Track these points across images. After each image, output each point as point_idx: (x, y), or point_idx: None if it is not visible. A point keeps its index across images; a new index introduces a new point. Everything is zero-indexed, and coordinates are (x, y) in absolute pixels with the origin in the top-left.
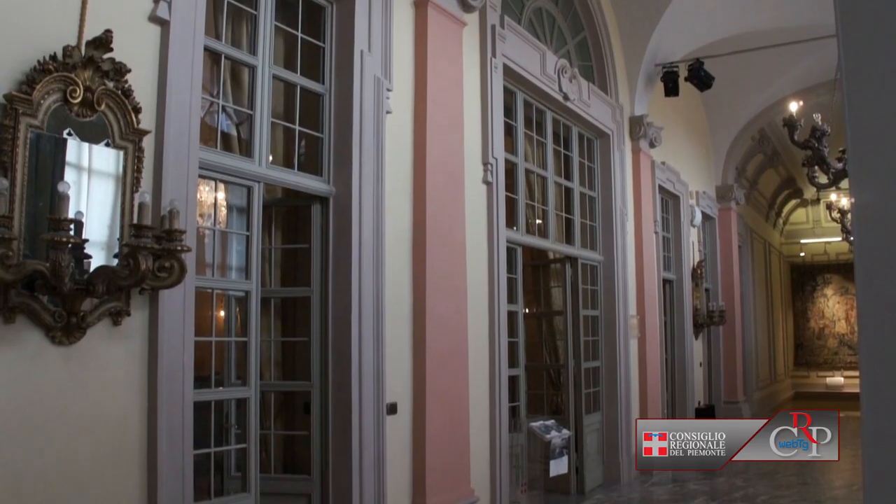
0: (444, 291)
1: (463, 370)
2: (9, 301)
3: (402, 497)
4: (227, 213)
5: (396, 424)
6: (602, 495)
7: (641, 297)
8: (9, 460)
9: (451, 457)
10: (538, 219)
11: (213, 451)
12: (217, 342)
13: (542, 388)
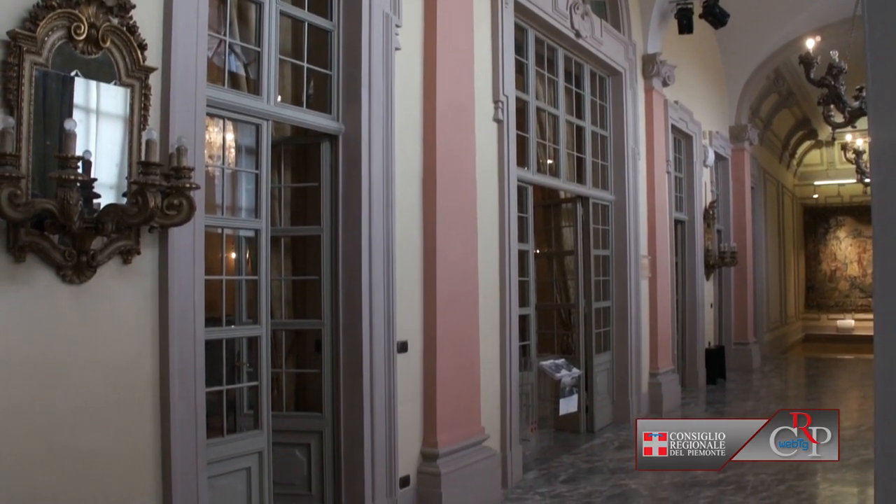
0: (455, 230)
1: (473, 309)
2: (18, 240)
3: (413, 435)
4: (236, 155)
5: (407, 363)
6: (611, 434)
7: (653, 237)
8: (22, 398)
9: (461, 395)
10: (549, 158)
11: (225, 389)
12: (227, 281)
13: (552, 328)
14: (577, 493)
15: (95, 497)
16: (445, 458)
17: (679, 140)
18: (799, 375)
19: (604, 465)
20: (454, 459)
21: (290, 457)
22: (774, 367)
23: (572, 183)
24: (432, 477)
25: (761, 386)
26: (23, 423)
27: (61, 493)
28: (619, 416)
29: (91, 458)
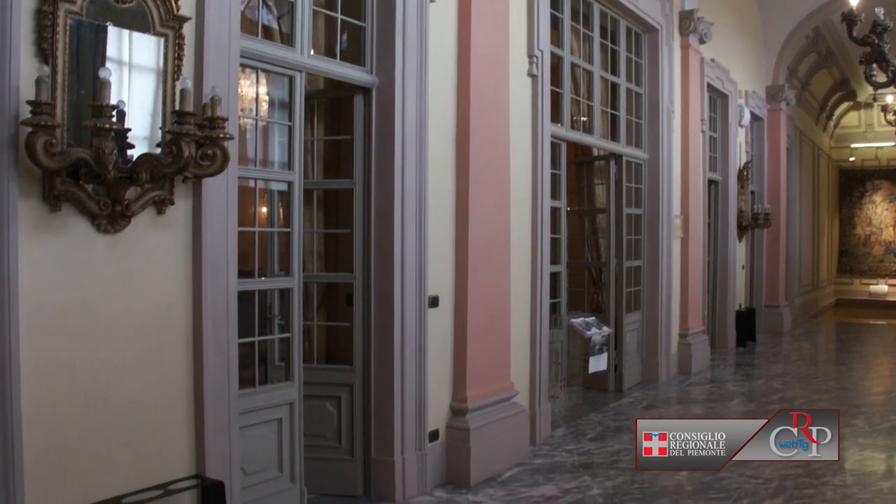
0: (487, 185)
1: (505, 265)
2: (54, 189)
3: (443, 389)
4: (269, 108)
5: (438, 317)
6: (640, 393)
7: (686, 196)
8: (59, 346)
9: (491, 351)
10: (583, 115)
11: (257, 341)
12: (260, 234)
13: (582, 286)
14: (605, 451)
15: (129, 445)
16: (474, 414)
17: (714, 99)
18: (830, 340)
19: (632, 424)
20: (483, 415)
21: (321, 409)
22: (805, 330)
23: (606, 140)
24: (461, 431)
25: (791, 349)
26: (58, 371)
27: (95, 441)
28: (648, 376)
29: (125, 406)
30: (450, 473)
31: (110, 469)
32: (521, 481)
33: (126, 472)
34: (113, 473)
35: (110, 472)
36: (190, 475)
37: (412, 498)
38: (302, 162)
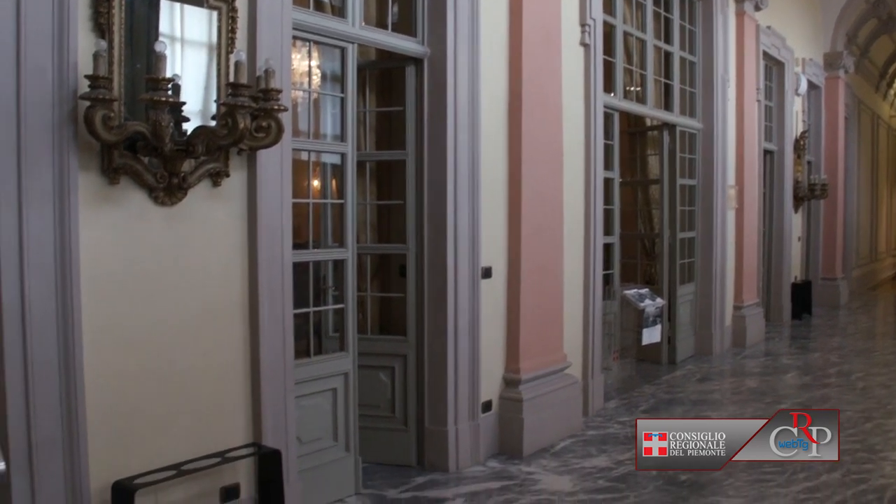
0: (540, 156)
1: (558, 236)
2: (112, 162)
3: (496, 360)
4: (321, 81)
5: (491, 289)
6: (693, 366)
7: (741, 167)
8: (120, 315)
9: (544, 322)
10: (636, 84)
11: (311, 311)
12: (314, 205)
13: (635, 258)
14: None
15: (188, 412)
16: (527, 385)
17: (770, 67)
18: (888, 313)
19: (685, 396)
20: (536, 386)
21: (375, 379)
22: (862, 303)
23: (659, 110)
24: (514, 402)
25: (848, 322)
26: (118, 340)
27: (155, 408)
28: (701, 349)
29: (184, 374)
30: (502, 444)
31: (170, 435)
32: (574, 452)
33: (185, 439)
34: (172, 440)
35: (170, 438)
36: (247, 443)
37: (465, 468)
38: (355, 133)
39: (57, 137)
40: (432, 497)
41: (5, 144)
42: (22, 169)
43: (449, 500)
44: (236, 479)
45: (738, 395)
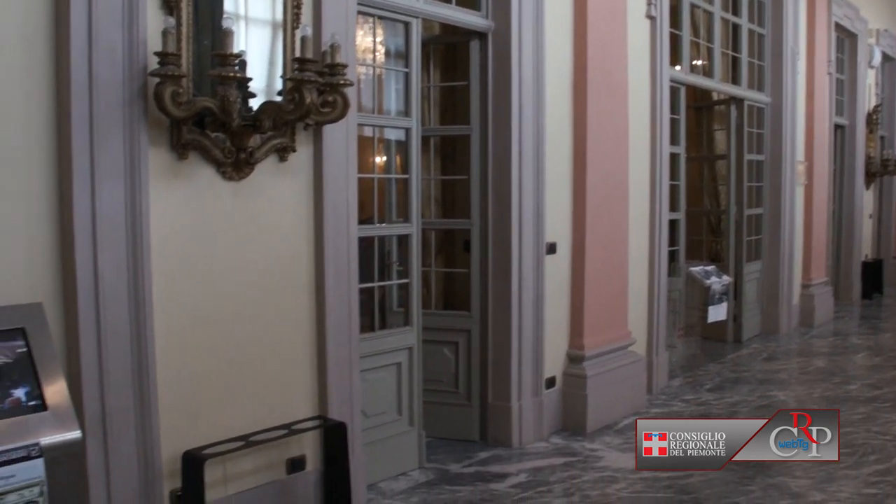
0: (605, 131)
1: (623, 212)
2: (181, 138)
3: (560, 336)
4: (385, 57)
5: (555, 264)
6: (759, 344)
7: (810, 142)
8: (189, 288)
9: (608, 298)
10: (703, 58)
11: (376, 286)
12: (378, 180)
13: (700, 235)
14: (724, 402)
15: (255, 384)
16: (591, 361)
17: (842, 39)
18: None
19: (751, 375)
20: (600, 362)
21: (439, 354)
22: None
23: (726, 84)
24: (578, 379)
25: None
26: (187, 313)
27: (224, 380)
28: (768, 327)
29: (251, 347)
30: (566, 421)
31: (237, 407)
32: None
33: (252, 411)
34: (240, 411)
35: (237, 410)
36: (313, 416)
37: (528, 444)
38: (419, 108)
39: (127, 114)
40: (495, 472)
41: (79, 121)
42: (94, 145)
43: (512, 476)
44: (302, 451)
45: (806, 375)
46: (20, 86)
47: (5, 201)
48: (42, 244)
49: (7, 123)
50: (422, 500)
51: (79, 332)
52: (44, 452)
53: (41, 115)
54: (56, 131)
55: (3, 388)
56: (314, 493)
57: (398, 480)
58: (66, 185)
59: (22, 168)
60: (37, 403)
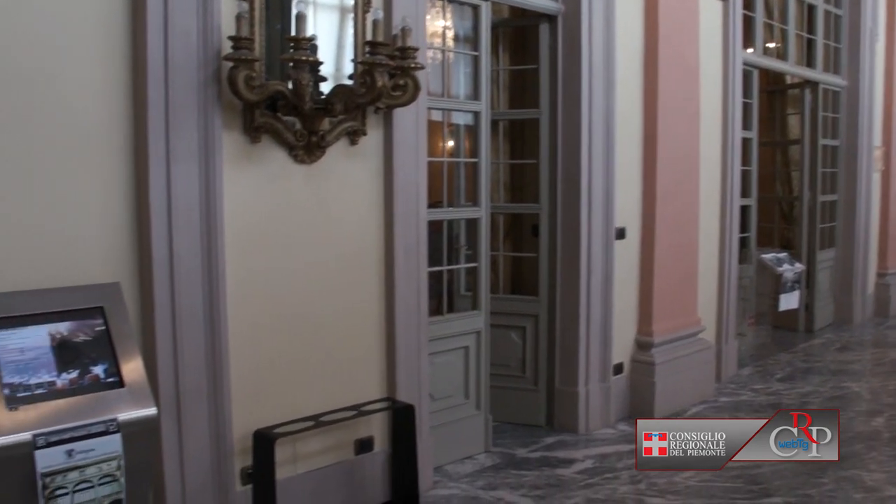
0: (677, 115)
1: (693, 197)
2: (254, 121)
3: (628, 322)
4: (454, 41)
5: (624, 250)
6: (832, 334)
7: (889, 127)
8: (261, 270)
9: (678, 285)
10: (777, 40)
11: (445, 270)
12: (448, 164)
13: (772, 222)
14: (794, 392)
15: (325, 365)
16: (660, 348)
17: None
18: None
19: (823, 365)
20: (669, 349)
21: (506, 339)
22: None
23: (801, 67)
24: (646, 366)
25: None
26: (259, 294)
27: (294, 360)
28: (841, 317)
29: (321, 328)
30: (633, 408)
31: (307, 388)
32: (706, 418)
33: (321, 392)
34: (310, 392)
35: (307, 390)
36: (381, 398)
37: (595, 430)
38: (489, 92)
39: (202, 98)
40: (561, 457)
41: (155, 106)
42: (170, 128)
43: (578, 462)
44: (370, 433)
45: (881, 367)
46: (99, 71)
47: (85, 184)
48: (119, 225)
49: (86, 108)
50: (488, 483)
51: (154, 312)
52: (121, 428)
53: (119, 99)
54: (133, 115)
55: (82, 364)
56: (381, 475)
57: (464, 464)
58: (142, 168)
59: (101, 152)
60: (114, 380)
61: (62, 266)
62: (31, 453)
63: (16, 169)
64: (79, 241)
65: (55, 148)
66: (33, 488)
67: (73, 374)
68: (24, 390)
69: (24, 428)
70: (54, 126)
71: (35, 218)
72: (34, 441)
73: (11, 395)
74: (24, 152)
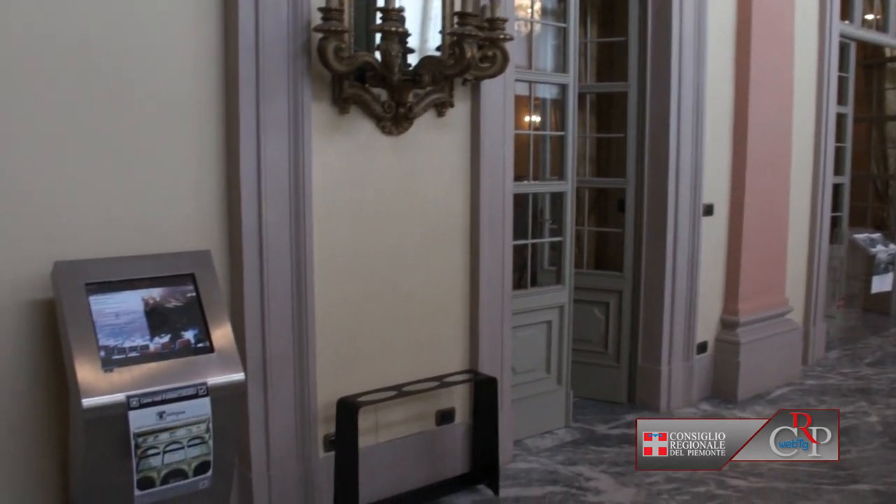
0: (769, 89)
1: (784, 174)
2: (343, 92)
3: (714, 300)
4: (541, 14)
5: (711, 227)
6: None
7: None
8: (348, 239)
9: (766, 264)
10: (876, 12)
11: (529, 244)
12: (534, 137)
13: (865, 201)
14: (885, 377)
15: (408, 336)
16: (746, 328)
17: None
18: None
19: None
20: (754, 329)
21: (589, 314)
22: None
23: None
24: (731, 345)
25: None
26: (345, 263)
27: (377, 330)
28: None
29: (405, 299)
30: (716, 387)
31: (391, 358)
32: (791, 401)
33: (404, 363)
34: (392, 362)
35: (390, 361)
36: (464, 370)
37: (677, 409)
38: (576, 65)
39: (291, 69)
40: None
41: (246, 77)
42: (260, 99)
43: None
44: (452, 404)
45: None
46: (191, 43)
47: (177, 155)
48: (211, 194)
49: (179, 80)
50: (567, 458)
51: (243, 279)
52: (210, 392)
53: (210, 71)
54: (224, 87)
55: (174, 330)
56: (462, 446)
57: (544, 438)
58: (233, 139)
59: (193, 122)
60: (204, 346)
61: (155, 234)
62: (124, 414)
63: (112, 142)
64: (171, 210)
65: (149, 120)
66: (127, 447)
67: (165, 339)
68: (118, 353)
69: (119, 389)
70: (148, 99)
71: (130, 188)
72: (128, 402)
73: (107, 358)
74: (120, 125)
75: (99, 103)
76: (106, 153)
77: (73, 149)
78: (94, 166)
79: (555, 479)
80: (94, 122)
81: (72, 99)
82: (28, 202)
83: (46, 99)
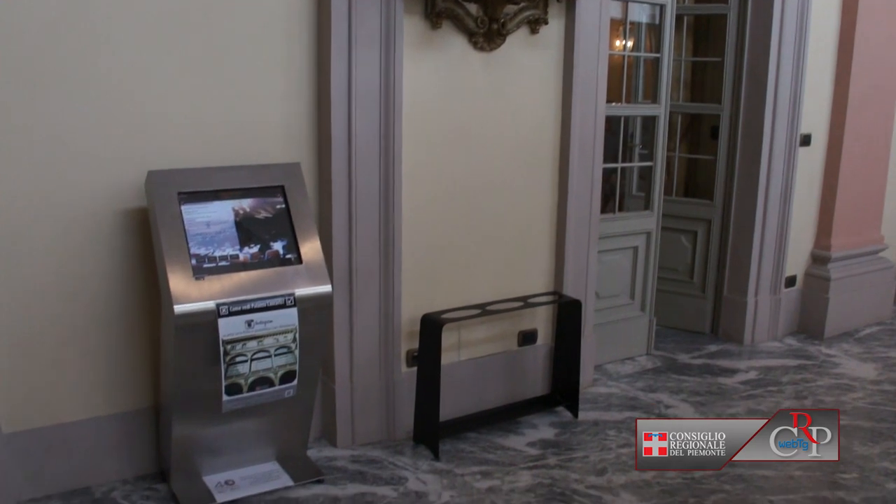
0: (879, 15)
1: (888, 108)
2: (435, 7)
3: (806, 234)
4: None
5: (808, 158)
6: None
7: None
8: (436, 156)
9: (862, 199)
10: None
11: (619, 167)
12: (628, 59)
13: None
14: None
15: (494, 256)
16: (837, 264)
17: None
18: None
19: None
20: (846, 266)
21: (675, 243)
22: None
23: None
24: (821, 281)
25: None
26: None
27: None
28: None
29: (492, 219)
30: (802, 323)
31: (476, 277)
32: (880, 340)
33: (489, 282)
34: (477, 280)
35: (475, 279)
36: (548, 291)
37: (761, 342)
38: None
39: None
40: (724, 366)
41: None
42: (352, 14)
43: (742, 372)
44: (534, 326)
45: None
46: None
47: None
48: (301, 107)
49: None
50: (647, 385)
51: (332, 193)
52: (297, 302)
53: None
54: (316, 1)
55: (263, 240)
56: (542, 368)
57: (624, 364)
58: (324, 53)
59: (284, 34)
60: (292, 257)
61: (246, 145)
62: (214, 321)
63: (207, 56)
64: (263, 123)
65: (242, 36)
66: (217, 354)
67: (255, 249)
68: (209, 262)
69: (209, 297)
70: (241, 15)
71: (222, 99)
72: (217, 309)
73: (198, 266)
74: (214, 41)
75: (192, 15)
76: (201, 70)
77: (166, 60)
78: (186, 77)
79: (634, 405)
80: (186, 32)
81: (166, 9)
82: (123, 112)
83: (142, 8)
